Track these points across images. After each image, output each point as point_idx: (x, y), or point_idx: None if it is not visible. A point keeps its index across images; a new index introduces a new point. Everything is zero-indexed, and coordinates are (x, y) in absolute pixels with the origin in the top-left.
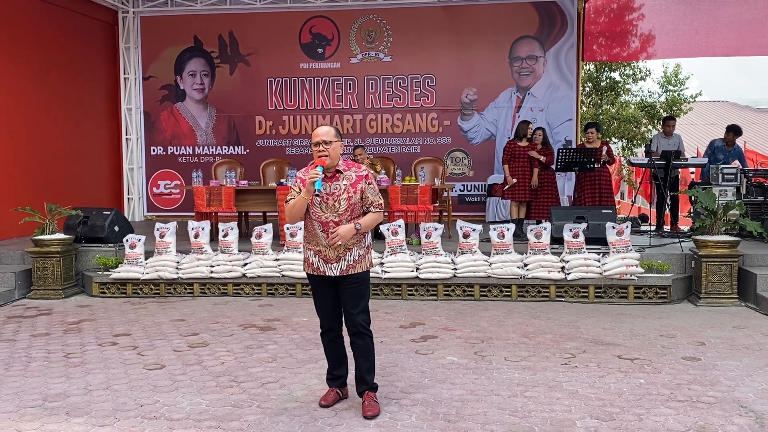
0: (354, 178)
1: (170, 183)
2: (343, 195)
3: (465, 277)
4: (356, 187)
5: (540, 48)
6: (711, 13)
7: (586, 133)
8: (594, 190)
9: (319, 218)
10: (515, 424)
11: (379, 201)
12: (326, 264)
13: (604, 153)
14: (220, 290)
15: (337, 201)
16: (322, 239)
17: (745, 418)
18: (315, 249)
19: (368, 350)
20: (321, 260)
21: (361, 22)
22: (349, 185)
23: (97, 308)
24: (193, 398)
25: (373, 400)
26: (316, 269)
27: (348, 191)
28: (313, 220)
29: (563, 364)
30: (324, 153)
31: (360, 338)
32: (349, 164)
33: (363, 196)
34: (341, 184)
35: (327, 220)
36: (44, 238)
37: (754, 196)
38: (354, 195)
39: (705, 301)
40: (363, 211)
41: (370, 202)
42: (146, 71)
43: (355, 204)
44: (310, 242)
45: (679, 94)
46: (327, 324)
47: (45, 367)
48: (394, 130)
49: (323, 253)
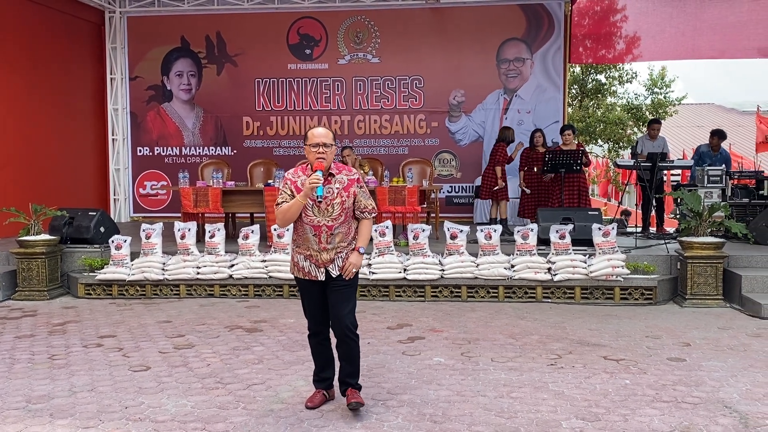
0: (346, 181)
1: (157, 184)
2: (336, 199)
3: (452, 279)
4: (349, 191)
5: (527, 50)
6: (697, 16)
7: (563, 135)
8: (573, 192)
9: (312, 222)
10: (501, 424)
11: (372, 205)
12: (318, 268)
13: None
14: (207, 291)
15: (330, 205)
16: (314, 243)
17: (729, 418)
18: (306, 253)
19: (353, 354)
20: (312, 264)
21: (349, 24)
22: (342, 189)
23: (82, 309)
24: (178, 400)
25: (357, 393)
26: (306, 273)
27: (341, 195)
28: (305, 224)
29: (549, 365)
30: (323, 156)
31: (346, 342)
32: (339, 167)
33: (356, 199)
34: (334, 187)
35: (320, 224)
36: (29, 239)
37: (739, 198)
38: (347, 199)
39: (690, 303)
40: (354, 215)
41: (363, 206)
42: (133, 71)
43: (347, 208)
44: (300, 246)
45: (665, 96)
46: (315, 326)
47: (29, 368)
48: (382, 132)
49: (315, 258)
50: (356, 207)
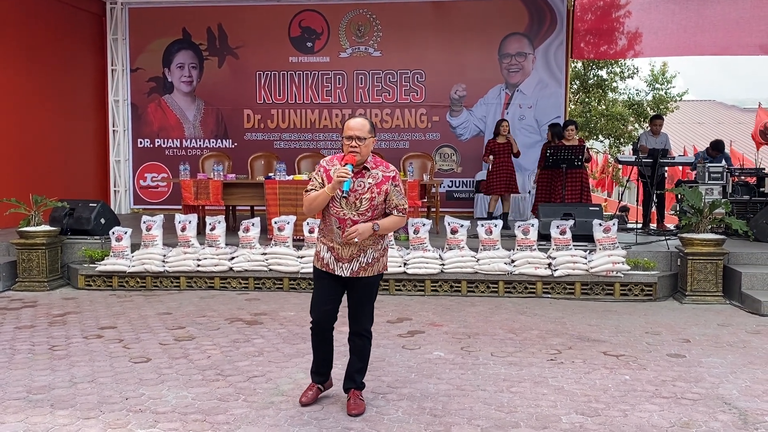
0: (380, 177)
1: (157, 176)
2: (366, 194)
3: (452, 273)
4: (381, 187)
5: (529, 45)
6: (699, 12)
7: (566, 130)
8: (575, 188)
9: (338, 214)
10: (501, 419)
11: (404, 205)
12: (337, 263)
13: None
14: (207, 284)
15: (359, 199)
16: (338, 236)
17: (728, 414)
18: (329, 245)
19: (365, 351)
20: (333, 258)
21: (350, 17)
22: (374, 185)
23: (82, 301)
24: (179, 391)
25: (359, 398)
26: (325, 265)
27: (372, 191)
28: (331, 215)
29: (549, 360)
30: (356, 149)
31: (360, 339)
32: (377, 161)
33: (387, 197)
34: (366, 182)
35: (345, 217)
36: (30, 229)
37: (740, 195)
38: (377, 196)
39: (690, 299)
40: (385, 212)
41: (394, 205)
42: (134, 63)
43: (377, 205)
44: (325, 236)
45: (667, 92)
46: (319, 319)
47: (29, 359)
48: (383, 126)
49: (336, 251)
50: (388, 205)
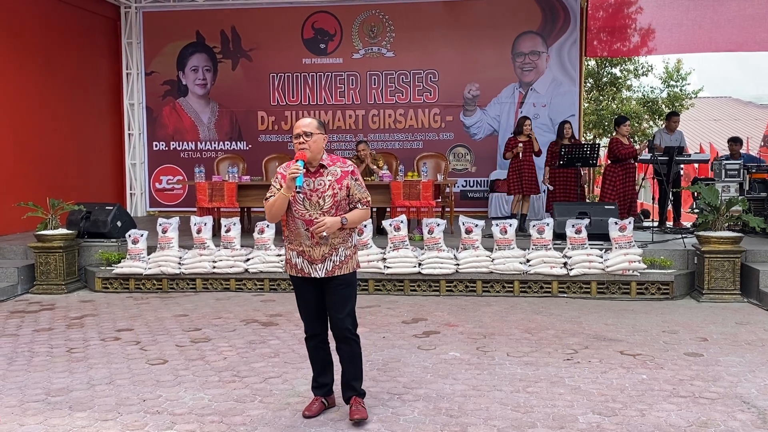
0: (339, 173)
1: (172, 178)
2: (327, 191)
3: (467, 273)
4: (342, 183)
5: (543, 43)
6: (714, 9)
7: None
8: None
9: (303, 216)
10: (517, 419)
11: (366, 197)
12: (311, 265)
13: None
14: (223, 285)
15: (321, 198)
16: (306, 238)
17: (747, 414)
18: (298, 249)
19: (355, 356)
20: (305, 261)
21: (363, 18)
22: (334, 181)
23: (99, 303)
24: (195, 393)
25: (361, 405)
26: (299, 270)
27: (333, 187)
28: (296, 218)
29: (565, 360)
30: (304, 146)
31: (346, 344)
32: (333, 159)
33: (349, 192)
34: (325, 179)
35: (312, 217)
36: (47, 233)
37: (757, 192)
38: (339, 191)
39: (708, 297)
40: (350, 208)
41: (357, 198)
42: (148, 66)
43: (340, 201)
44: (292, 242)
45: (681, 89)
46: (311, 328)
47: (48, 361)
48: (397, 126)
49: (307, 254)
50: (351, 200)
